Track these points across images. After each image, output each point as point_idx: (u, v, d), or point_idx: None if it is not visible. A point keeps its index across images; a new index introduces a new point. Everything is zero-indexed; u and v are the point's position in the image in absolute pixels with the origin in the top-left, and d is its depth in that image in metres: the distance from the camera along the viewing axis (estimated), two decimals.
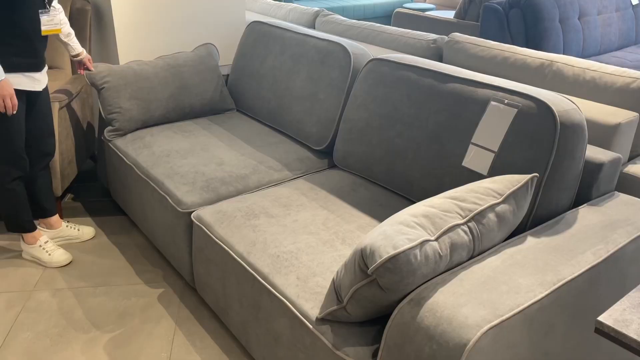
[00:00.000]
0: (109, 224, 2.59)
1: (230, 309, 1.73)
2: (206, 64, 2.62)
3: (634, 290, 1.04)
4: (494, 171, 1.57)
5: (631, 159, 1.81)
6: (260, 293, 1.55)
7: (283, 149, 2.28)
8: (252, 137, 2.38)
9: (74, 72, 2.82)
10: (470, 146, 1.63)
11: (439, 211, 1.28)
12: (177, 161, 2.14)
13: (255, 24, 2.65)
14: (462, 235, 1.25)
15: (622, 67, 3.37)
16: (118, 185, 2.45)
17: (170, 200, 1.96)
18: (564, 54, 3.58)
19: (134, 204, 2.31)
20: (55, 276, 2.21)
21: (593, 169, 1.57)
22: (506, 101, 1.58)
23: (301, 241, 1.63)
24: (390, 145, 1.88)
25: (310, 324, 1.37)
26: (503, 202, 1.34)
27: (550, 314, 1.20)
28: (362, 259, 1.21)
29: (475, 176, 1.61)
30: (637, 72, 1.81)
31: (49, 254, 2.27)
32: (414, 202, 1.86)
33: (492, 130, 1.59)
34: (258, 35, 2.60)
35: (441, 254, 1.21)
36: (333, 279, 1.35)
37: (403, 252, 1.15)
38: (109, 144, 2.42)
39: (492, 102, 1.60)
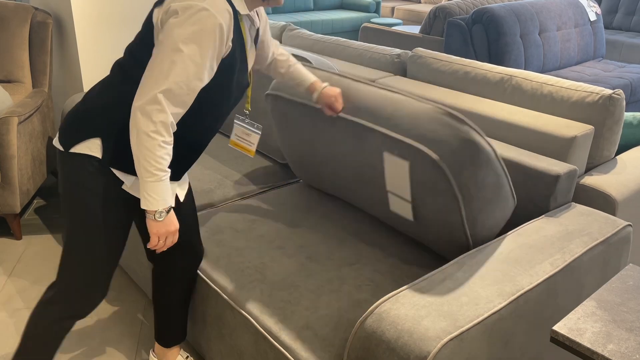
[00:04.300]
0: None
1: (194, 325, 1.70)
2: None
3: (587, 299, 1.07)
4: (419, 217, 1.52)
5: (587, 170, 1.86)
6: (223, 309, 1.53)
7: (249, 162, 2.27)
8: (217, 150, 2.37)
9: (34, 85, 2.76)
10: (388, 193, 1.58)
11: None
12: None
13: None
14: None
15: (581, 81, 3.48)
16: None
17: None
18: (525, 68, 3.68)
19: None
20: (13, 296, 2.14)
21: (550, 181, 1.61)
22: (396, 152, 1.45)
23: (266, 256, 1.62)
24: (334, 179, 1.83)
25: (274, 339, 1.36)
26: None
27: (510, 324, 1.21)
28: None
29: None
30: (592, 86, 1.86)
31: None
32: (377, 216, 1.87)
33: (398, 179, 1.49)
34: None
35: None
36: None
37: None
38: None
39: (385, 153, 1.48)
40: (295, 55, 2.27)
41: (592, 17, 4.15)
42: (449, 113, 1.39)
